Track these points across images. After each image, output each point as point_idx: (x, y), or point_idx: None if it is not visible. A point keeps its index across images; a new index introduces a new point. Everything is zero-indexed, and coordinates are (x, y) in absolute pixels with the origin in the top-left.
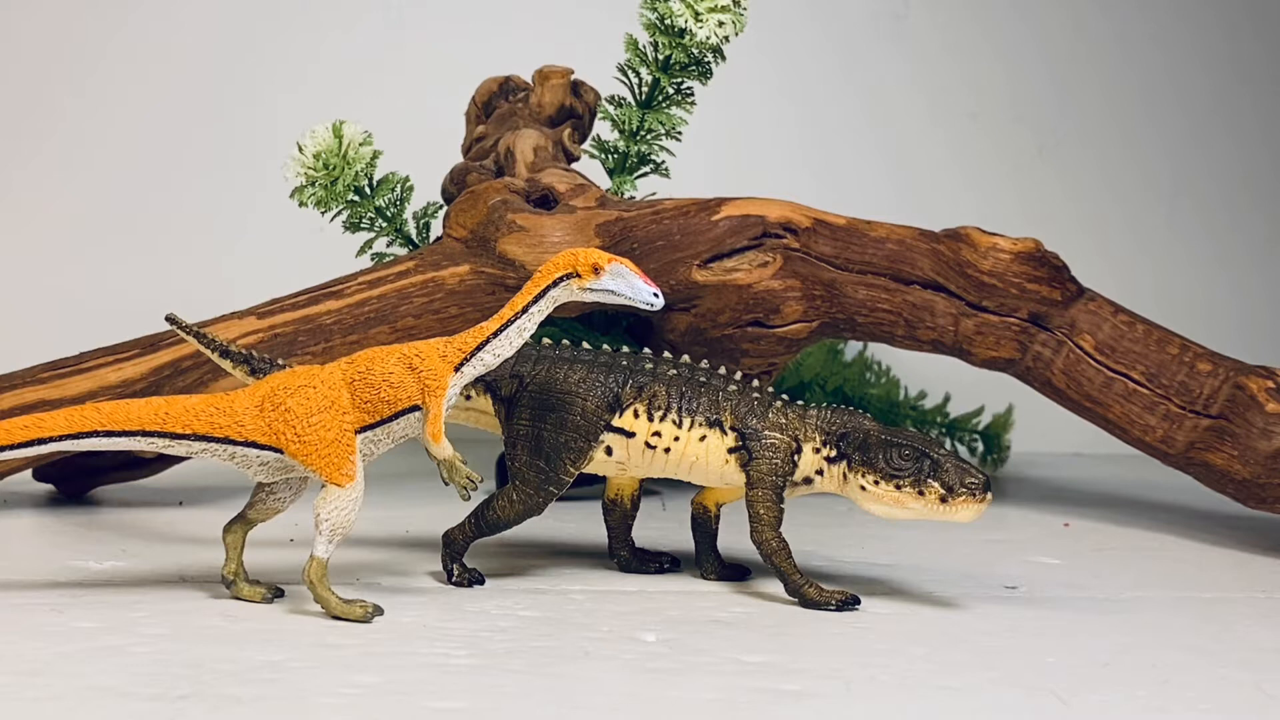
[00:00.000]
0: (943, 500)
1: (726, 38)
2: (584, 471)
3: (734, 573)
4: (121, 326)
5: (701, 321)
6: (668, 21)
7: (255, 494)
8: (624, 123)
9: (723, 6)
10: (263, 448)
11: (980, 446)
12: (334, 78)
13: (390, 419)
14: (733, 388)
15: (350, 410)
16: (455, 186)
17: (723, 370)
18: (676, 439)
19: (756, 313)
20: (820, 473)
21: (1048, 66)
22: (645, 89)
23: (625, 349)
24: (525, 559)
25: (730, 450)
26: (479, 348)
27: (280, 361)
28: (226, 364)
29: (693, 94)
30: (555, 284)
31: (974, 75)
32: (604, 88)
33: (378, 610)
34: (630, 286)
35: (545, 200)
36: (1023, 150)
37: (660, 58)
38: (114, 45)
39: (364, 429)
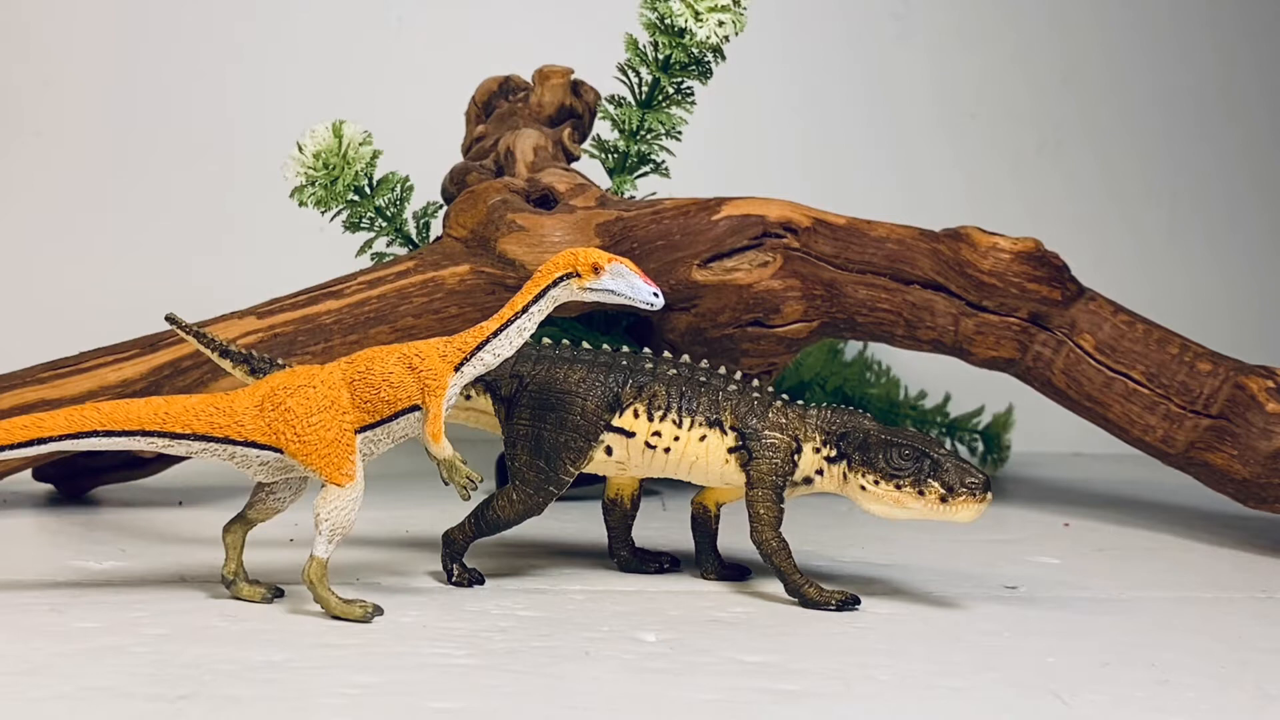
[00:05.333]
0: (943, 500)
1: (726, 37)
2: (584, 471)
3: (734, 573)
4: (121, 326)
5: (701, 321)
6: (668, 21)
7: (255, 494)
8: (624, 122)
9: (723, 6)
10: (263, 447)
11: (980, 446)
12: (334, 78)
13: (390, 419)
14: (733, 387)
15: (350, 410)
16: (455, 186)
17: (723, 370)
18: (676, 439)
19: (756, 312)
20: (820, 472)
21: (1047, 66)
22: (645, 89)
23: (625, 349)
24: (525, 559)
25: (730, 450)
26: (479, 347)
27: (280, 361)
28: (226, 364)
29: (693, 94)
30: (555, 284)
31: (974, 75)
32: (604, 88)
33: (378, 610)
34: (630, 286)
35: (545, 200)
36: (1023, 150)
37: (660, 57)
38: (114, 44)
39: (364, 429)
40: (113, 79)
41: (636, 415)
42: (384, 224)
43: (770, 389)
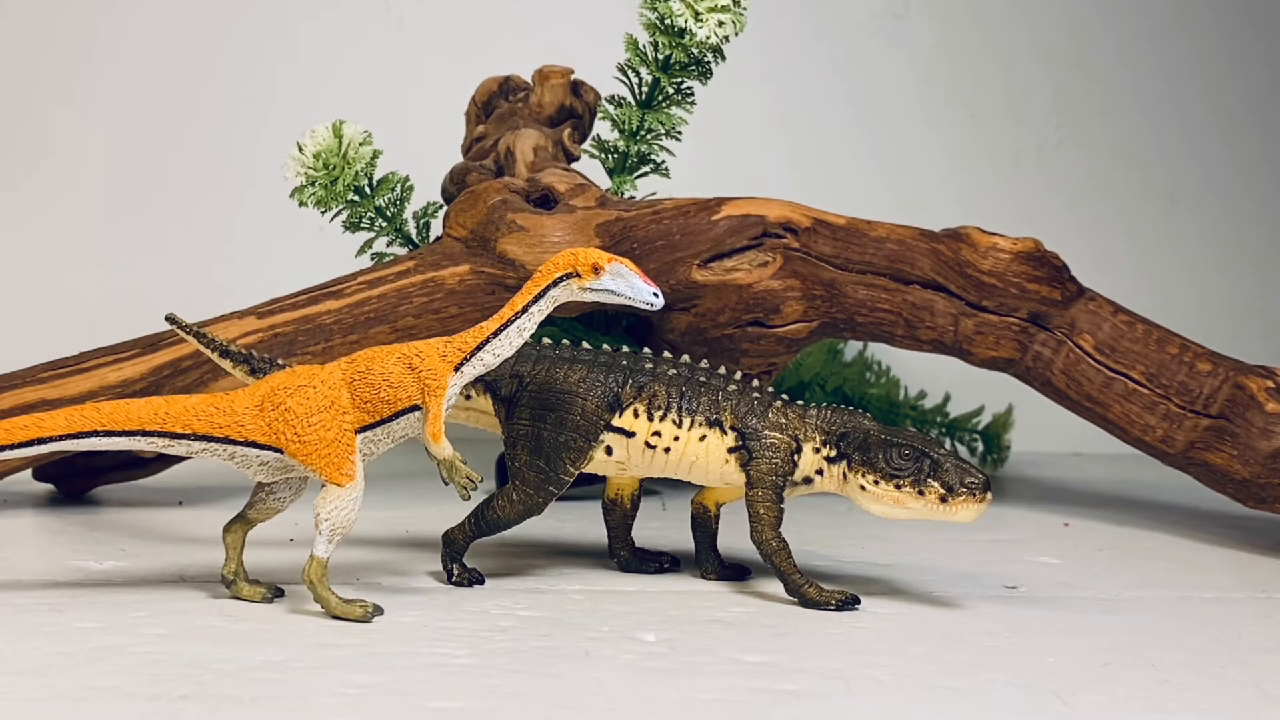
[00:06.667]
0: (943, 500)
1: (726, 37)
2: (584, 471)
3: (734, 573)
4: (121, 326)
5: (701, 321)
6: (668, 21)
7: (255, 494)
8: (624, 123)
9: (723, 6)
10: (263, 447)
11: (980, 446)
12: (334, 78)
13: (390, 419)
14: (733, 387)
15: (350, 410)
16: (455, 186)
17: (723, 370)
18: (676, 439)
19: (756, 312)
20: (820, 472)
21: (1047, 66)
22: (645, 89)
23: (625, 349)
24: (525, 559)
25: (730, 450)
26: (479, 347)
27: (280, 361)
28: (226, 364)
29: (693, 94)
30: (555, 284)
31: (973, 75)
32: (604, 88)
33: (378, 610)
34: (630, 286)
35: (545, 200)
36: (1022, 150)
37: (660, 58)
38: (113, 44)
39: (364, 429)
40: (112, 79)
41: (636, 415)
42: (384, 224)
43: (770, 389)
